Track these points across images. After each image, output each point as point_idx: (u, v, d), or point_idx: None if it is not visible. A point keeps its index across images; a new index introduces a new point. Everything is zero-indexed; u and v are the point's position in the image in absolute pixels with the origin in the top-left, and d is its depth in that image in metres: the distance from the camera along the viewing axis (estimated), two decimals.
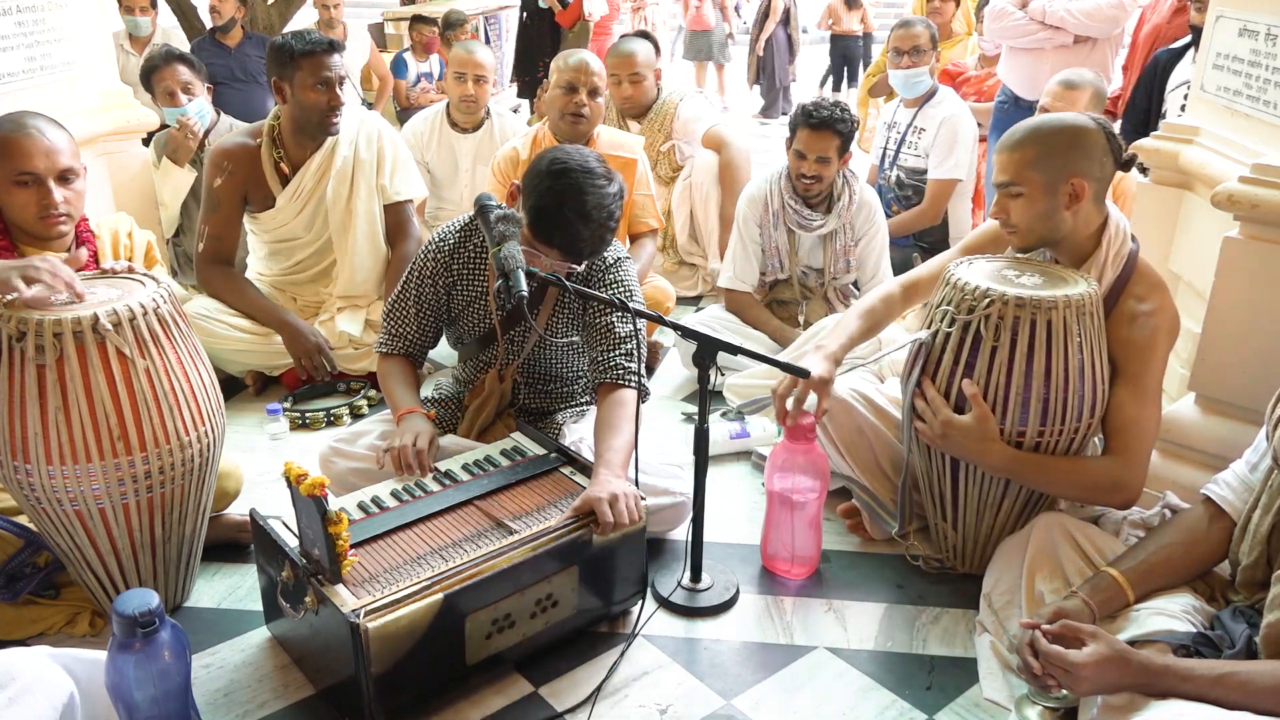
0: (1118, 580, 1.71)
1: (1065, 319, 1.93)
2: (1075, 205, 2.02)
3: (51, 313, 1.79)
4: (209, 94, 3.72)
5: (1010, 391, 1.97)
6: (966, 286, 2.00)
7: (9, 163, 2.09)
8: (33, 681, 1.35)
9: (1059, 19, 4.04)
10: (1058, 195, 2.01)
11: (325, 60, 2.97)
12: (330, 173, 3.12)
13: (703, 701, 1.88)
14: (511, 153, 3.36)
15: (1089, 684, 1.51)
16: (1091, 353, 1.98)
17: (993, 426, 1.98)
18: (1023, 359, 1.95)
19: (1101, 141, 2.03)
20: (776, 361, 2.09)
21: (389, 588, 1.72)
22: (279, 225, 3.17)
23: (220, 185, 3.09)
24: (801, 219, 3.23)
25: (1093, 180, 2.01)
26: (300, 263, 3.28)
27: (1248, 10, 2.41)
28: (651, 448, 2.31)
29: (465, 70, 3.94)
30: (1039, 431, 1.99)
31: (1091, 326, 1.97)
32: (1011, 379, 1.96)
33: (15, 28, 2.93)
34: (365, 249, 3.20)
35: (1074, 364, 1.95)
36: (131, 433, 1.84)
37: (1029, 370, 1.95)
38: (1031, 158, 2.02)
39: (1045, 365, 1.95)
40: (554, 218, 2.06)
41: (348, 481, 2.22)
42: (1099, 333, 2.00)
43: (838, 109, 3.08)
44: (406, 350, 2.36)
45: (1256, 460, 1.71)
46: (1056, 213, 2.03)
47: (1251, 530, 1.64)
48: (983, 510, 2.13)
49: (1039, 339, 1.94)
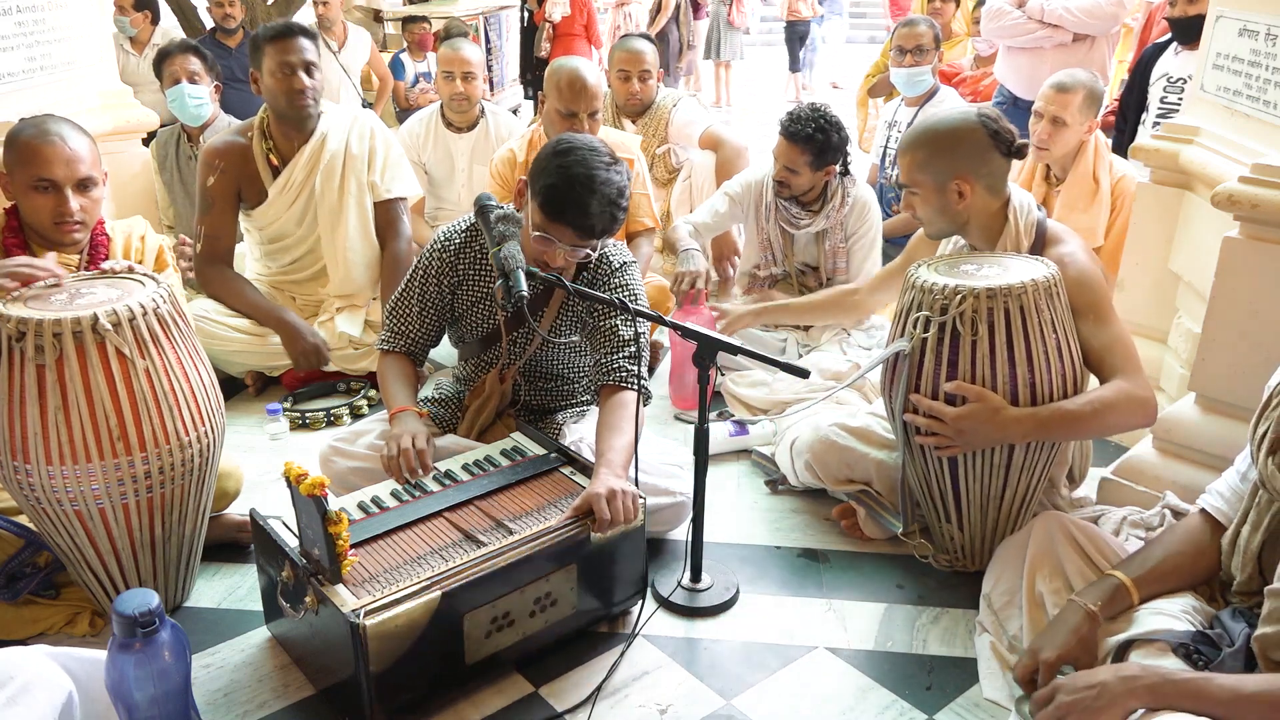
0: (1125, 585, 1.70)
1: (1035, 302, 1.98)
2: (963, 201, 2.17)
3: (51, 313, 1.80)
4: (217, 92, 3.73)
5: (996, 381, 1.99)
6: (935, 287, 2.02)
7: (29, 168, 2.09)
8: (32, 681, 1.35)
9: (1057, 17, 4.04)
10: (946, 194, 2.18)
11: (289, 44, 2.99)
12: (319, 166, 3.12)
13: (703, 701, 1.88)
14: (509, 154, 3.36)
15: None
16: (1065, 331, 2.04)
17: (996, 399, 1.99)
18: (1003, 348, 1.98)
19: (983, 138, 2.16)
20: (776, 361, 2.09)
21: (389, 588, 1.72)
22: (271, 220, 3.18)
23: (213, 184, 3.10)
24: (789, 217, 3.24)
25: (978, 176, 2.16)
26: (296, 262, 3.28)
27: (1248, 10, 2.41)
28: (651, 448, 2.31)
29: (453, 68, 3.94)
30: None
31: (1060, 306, 2.03)
32: (995, 368, 1.99)
33: (15, 28, 2.93)
34: (357, 247, 3.20)
35: (1050, 344, 2.00)
36: (131, 433, 1.84)
37: (1011, 357, 1.99)
38: (920, 161, 2.19)
39: (1025, 350, 1.99)
40: (564, 192, 2.06)
41: (348, 481, 2.22)
42: (1066, 311, 2.05)
43: (818, 123, 3.05)
44: (408, 349, 2.36)
45: (1245, 469, 1.71)
46: (950, 208, 2.19)
47: (1241, 547, 1.64)
48: (986, 505, 2.13)
49: (1015, 325, 1.98)
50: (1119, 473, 2.42)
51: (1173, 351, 2.69)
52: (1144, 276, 2.79)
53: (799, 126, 3.06)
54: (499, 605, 1.81)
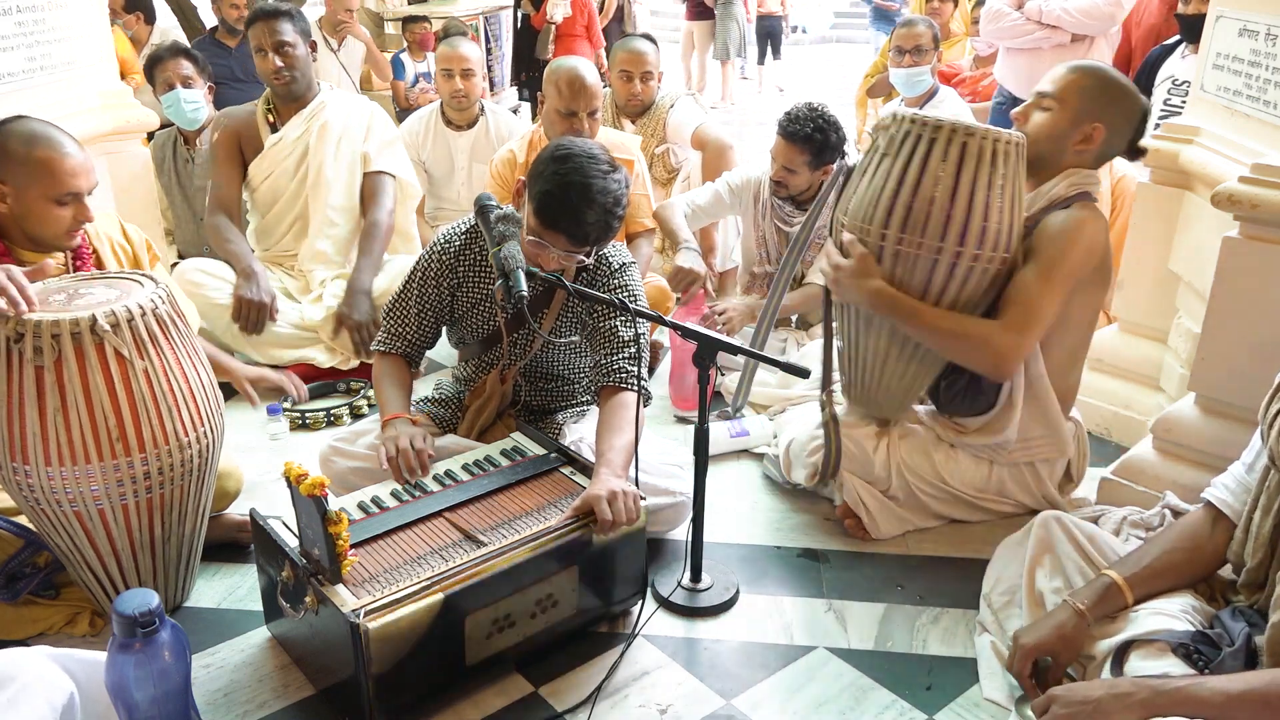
0: (1118, 584, 1.71)
1: (994, 151, 2.06)
2: (1082, 146, 2.19)
3: (50, 314, 1.79)
4: (210, 94, 3.74)
5: (931, 213, 2.08)
6: (905, 116, 2.14)
7: (52, 182, 2.04)
8: (32, 681, 1.35)
9: (1055, 18, 4.04)
10: (1078, 127, 2.17)
11: (265, 26, 3.21)
12: (314, 128, 3.30)
13: (703, 701, 1.88)
14: (509, 155, 3.36)
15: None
16: (1011, 197, 2.10)
17: (870, 265, 2.14)
18: (951, 178, 2.06)
19: (1137, 116, 2.21)
20: (776, 361, 2.09)
21: (389, 588, 1.72)
22: (266, 173, 3.34)
23: (217, 139, 3.36)
24: (784, 215, 3.25)
25: (1107, 139, 2.19)
26: (289, 232, 3.41)
27: (1248, 10, 2.41)
28: (651, 448, 2.31)
29: (451, 66, 3.95)
30: (955, 253, 2.10)
31: (1015, 170, 2.10)
32: (935, 201, 2.07)
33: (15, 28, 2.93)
34: (339, 217, 3.36)
35: (994, 197, 2.07)
36: (130, 433, 1.84)
37: (955, 190, 2.06)
38: (1084, 86, 2.18)
39: (970, 189, 2.06)
40: (559, 201, 2.05)
41: (348, 481, 2.22)
42: (1020, 179, 2.12)
43: (816, 123, 3.06)
44: (404, 350, 2.35)
45: (1253, 460, 1.71)
46: (1067, 139, 2.19)
47: (1253, 532, 1.64)
48: (873, 366, 2.31)
49: (968, 162, 2.06)
50: (1119, 473, 2.42)
51: (1173, 351, 2.69)
52: (1144, 276, 2.79)
53: (797, 126, 3.06)
54: (501, 607, 1.81)
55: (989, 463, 2.36)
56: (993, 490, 2.38)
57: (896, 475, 2.34)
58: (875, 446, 2.35)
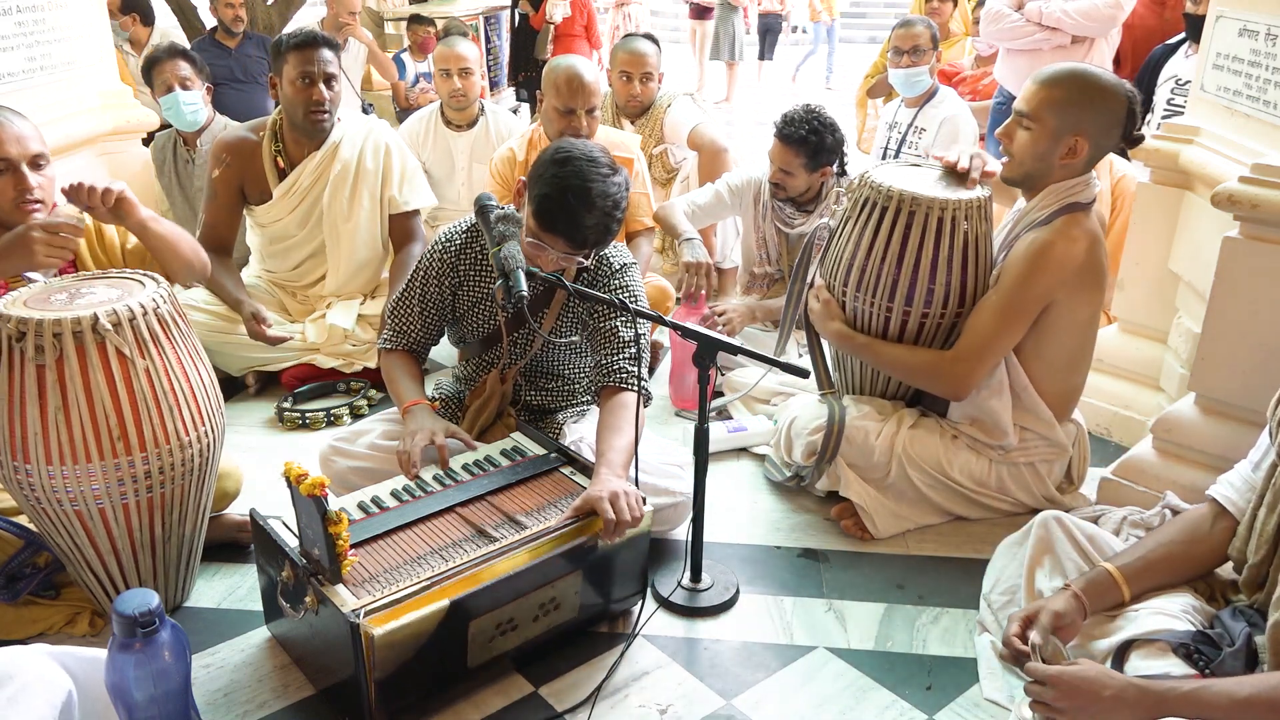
0: (1114, 575, 1.71)
1: (954, 217, 2.20)
2: (1067, 159, 2.18)
3: (51, 313, 1.79)
4: (209, 94, 3.73)
5: (886, 276, 2.26)
6: (870, 182, 2.30)
7: None
8: (32, 680, 1.34)
9: (1055, 20, 4.04)
10: (1059, 143, 2.17)
11: (309, 54, 2.98)
12: (329, 175, 3.13)
13: (703, 701, 1.88)
14: (509, 154, 3.36)
15: None
16: (965, 260, 2.23)
17: (835, 310, 2.39)
18: (913, 249, 2.23)
19: (1122, 113, 2.17)
20: (776, 361, 2.09)
21: (389, 588, 1.72)
22: (273, 220, 3.19)
23: (218, 176, 3.13)
24: (784, 217, 3.25)
25: (1094, 144, 2.18)
26: (299, 267, 3.30)
27: (1248, 10, 2.41)
28: (651, 448, 2.31)
29: (449, 66, 3.95)
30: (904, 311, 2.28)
31: (971, 232, 2.22)
32: (902, 265, 2.24)
33: (15, 28, 2.93)
34: (361, 256, 3.25)
35: (942, 262, 2.22)
36: (131, 433, 1.84)
37: (901, 256, 2.23)
38: (1056, 100, 2.16)
39: (916, 256, 2.23)
40: (558, 204, 2.05)
41: (348, 481, 2.22)
42: (977, 240, 2.24)
43: (812, 125, 3.05)
44: (410, 348, 2.36)
45: (1259, 459, 1.71)
46: (1050, 157, 2.19)
47: (1257, 529, 1.64)
48: (865, 373, 2.52)
49: (914, 230, 2.21)
50: (1119, 473, 2.42)
51: (1173, 351, 2.69)
52: (1144, 276, 2.79)
53: (793, 129, 3.05)
54: (505, 611, 1.81)
55: (989, 459, 2.36)
56: (992, 486, 2.39)
57: (896, 465, 2.35)
58: (878, 433, 2.35)
